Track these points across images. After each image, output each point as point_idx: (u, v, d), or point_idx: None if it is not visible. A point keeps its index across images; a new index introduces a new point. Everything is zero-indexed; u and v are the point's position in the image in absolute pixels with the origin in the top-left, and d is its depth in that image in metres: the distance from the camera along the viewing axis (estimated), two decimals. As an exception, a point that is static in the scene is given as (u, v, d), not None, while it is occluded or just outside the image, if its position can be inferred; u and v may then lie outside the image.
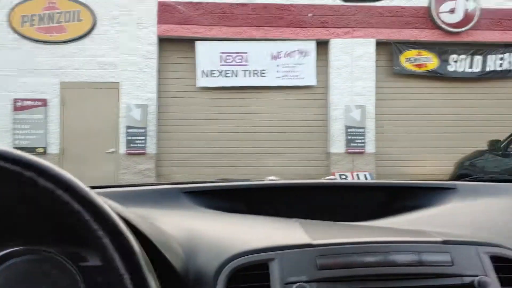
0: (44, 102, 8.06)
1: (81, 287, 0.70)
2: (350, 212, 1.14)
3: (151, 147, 8.18)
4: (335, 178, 1.19)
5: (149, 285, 0.52)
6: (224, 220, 0.99)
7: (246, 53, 8.47)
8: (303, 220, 0.95)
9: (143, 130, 8.10)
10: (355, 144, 8.45)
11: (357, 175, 8.25)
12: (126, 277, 0.51)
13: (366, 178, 8.22)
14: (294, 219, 0.96)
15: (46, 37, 8.10)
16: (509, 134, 6.59)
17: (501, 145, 6.47)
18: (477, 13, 8.49)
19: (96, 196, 0.53)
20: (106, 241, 0.51)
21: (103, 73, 8.17)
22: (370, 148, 8.49)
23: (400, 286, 0.73)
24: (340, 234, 0.84)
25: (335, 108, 8.50)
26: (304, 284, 0.70)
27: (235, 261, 0.74)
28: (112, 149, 8.12)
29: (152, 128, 8.20)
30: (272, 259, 0.74)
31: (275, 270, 0.73)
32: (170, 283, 0.70)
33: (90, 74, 8.16)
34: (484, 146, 6.81)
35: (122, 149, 8.12)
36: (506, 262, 0.78)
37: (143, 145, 8.09)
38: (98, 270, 0.70)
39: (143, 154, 8.12)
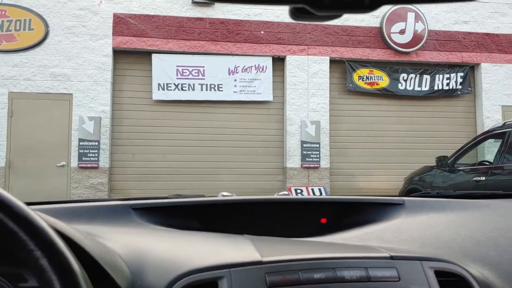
0: (-10, 113, 7.75)
1: None
2: (301, 227, 1.15)
3: (104, 161, 8.01)
4: (288, 193, 1.19)
5: None
6: (174, 238, 0.97)
7: (203, 67, 8.49)
8: (253, 237, 0.95)
9: (96, 143, 7.92)
10: (310, 159, 8.61)
11: (312, 189, 8.39)
12: None
13: (320, 193, 8.37)
14: (245, 236, 0.96)
15: (-5, 45, 7.83)
16: (455, 150, 6.91)
17: (448, 161, 6.73)
18: (426, 35, 8.92)
19: (33, 214, 0.50)
20: (44, 262, 0.49)
21: (55, 84, 7.97)
22: (324, 163, 8.67)
23: None
24: (290, 250, 0.84)
25: (291, 124, 8.64)
26: None
27: (183, 279, 0.73)
28: (63, 163, 7.89)
29: (105, 141, 8.04)
30: (221, 277, 0.73)
31: None
32: None
33: (42, 85, 7.93)
34: (432, 162, 7.09)
35: (74, 162, 7.91)
36: (450, 276, 0.80)
37: (95, 158, 7.90)
38: None
39: (96, 168, 7.93)
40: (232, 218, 1.16)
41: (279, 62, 8.83)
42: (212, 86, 8.52)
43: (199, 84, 8.47)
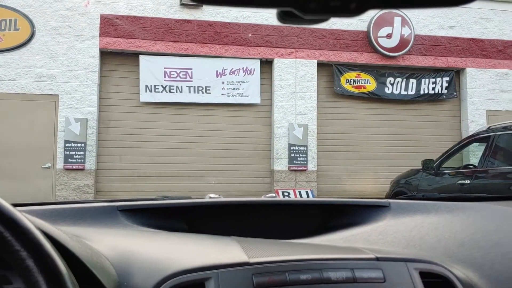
0: (-26, 114, 7.67)
1: None
2: (288, 229, 1.16)
3: (90, 163, 7.97)
4: (275, 195, 1.21)
5: None
6: (161, 239, 0.97)
7: (190, 69, 8.51)
8: (240, 238, 0.96)
9: (82, 145, 7.89)
10: (298, 162, 8.67)
11: (299, 192, 8.45)
12: None
13: (308, 195, 8.43)
14: (232, 237, 0.97)
15: (-21, 45, 7.77)
16: (441, 154, 7.02)
17: (434, 165, 6.83)
18: (412, 39, 9.06)
19: (19, 215, 0.50)
20: (30, 262, 0.49)
21: (41, 85, 7.92)
22: (312, 165, 8.74)
23: None
24: (277, 252, 0.85)
25: (279, 126, 8.70)
26: None
27: (170, 280, 0.73)
28: (48, 164, 7.84)
29: (92, 143, 8.01)
30: (208, 278, 0.74)
31: None
32: None
33: (27, 86, 7.88)
34: (418, 165, 7.19)
35: (60, 164, 7.86)
36: (435, 277, 0.82)
37: (82, 160, 7.87)
38: None
39: (82, 169, 7.89)
40: (219, 220, 1.16)
41: (267, 65, 8.89)
42: (200, 88, 8.55)
43: (186, 86, 8.49)
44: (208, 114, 8.62)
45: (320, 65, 8.96)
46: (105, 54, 8.31)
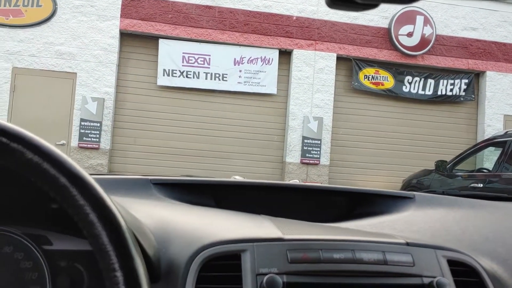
0: (-7, 87, 7.86)
1: (46, 272, 0.75)
2: (315, 213, 1.19)
3: (105, 142, 8.15)
4: (298, 181, 1.29)
5: (135, 261, 0.54)
6: (196, 212, 1.00)
7: (209, 55, 8.62)
8: (271, 217, 0.98)
9: (98, 124, 8.06)
10: (311, 155, 8.78)
11: (310, 185, 8.58)
12: (113, 255, 0.52)
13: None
14: (263, 215, 0.99)
15: (2, 19, 7.93)
16: (455, 156, 7.08)
17: (447, 166, 6.88)
18: (433, 39, 9.10)
19: (83, 171, 0.54)
20: (93, 217, 0.52)
21: (60, 62, 8.08)
22: (324, 160, 8.86)
23: (364, 283, 0.77)
24: (310, 231, 0.88)
25: (294, 118, 8.81)
26: (275, 275, 0.73)
27: (207, 250, 0.76)
28: (63, 141, 8.03)
29: (107, 123, 8.18)
30: (244, 250, 0.76)
31: (247, 261, 0.75)
32: (146, 270, 0.75)
33: (46, 62, 8.04)
34: (431, 166, 7.26)
35: (74, 142, 8.05)
36: (462, 266, 0.85)
37: (97, 139, 8.04)
38: (60, 254, 0.76)
39: (96, 148, 8.07)
40: (247, 200, 1.20)
41: (285, 55, 8.98)
42: (217, 75, 8.67)
43: (204, 72, 8.61)
44: (223, 102, 8.74)
45: (339, 59, 9.04)
46: (125, 36, 8.45)
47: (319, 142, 8.80)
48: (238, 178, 1.33)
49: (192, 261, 0.74)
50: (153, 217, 0.88)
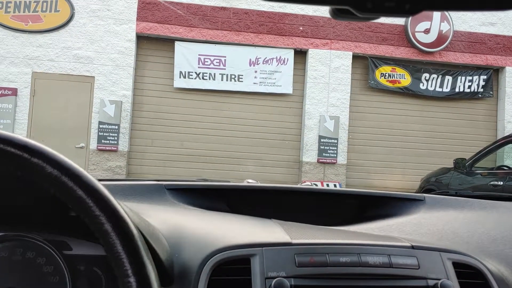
0: (14, 92, 8.22)
1: (66, 275, 0.82)
2: (324, 217, 1.23)
3: (123, 145, 8.44)
4: (310, 184, 1.36)
5: (147, 267, 0.58)
6: (207, 217, 1.05)
7: (224, 57, 8.85)
8: (281, 221, 1.03)
9: (116, 127, 8.35)
10: (327, 154, 8.95)
11: (327, 184, 8.73)
12: (126, 262, 0.56)
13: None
14: (273, 220, 1.04)
15: (21, 25, 8.28)
16: (474, 153, 7.14)
17: (466, 164, 6.91)
18: (451, 35, 9.19)
19: (99, 184, 0.58)
20: (108, 226, 0.56)
21: (78, 66, 8.39)
22: (341, 159, 9.01)
23: (370, 285, 0.81)
24: (317, 235, 0.92)
25: (310, 118, 8.98)
26: (283, 279, 0.77)
27: (218, 254, 0.80)
28: (82, 144, 8.33)
29: (125, 125, 8.47)
30: (254, 255, 0.81)
31: (256, 265, 0.79)
32: (159, 275, 0.76)
33: (65, 66, 8.37)
34: (450, 164, 7.33)
35: (93, 144, 8.35)
36: (467, 268, 0.88)
37: (115, 141, 8.34)
38: (79, 258, 0.83)
39: (115, 151, 8.36)
40: (258, 204, 1.26)
41: (300, 55, 9.16)
42: (233, 76, 8.89)
43: (219, 74, 8.85)
44: (239, 102, 8.97)
45: (355, 57, 9.19)
46: (141, 39, 8.73)
47: (335, 141, 8.96)
48: (251, 182, 1.38)
49: (204, 266, 0.79)
50: (166, 223, 0.93)
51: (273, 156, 9.01)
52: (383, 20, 9.12)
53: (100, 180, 1.15)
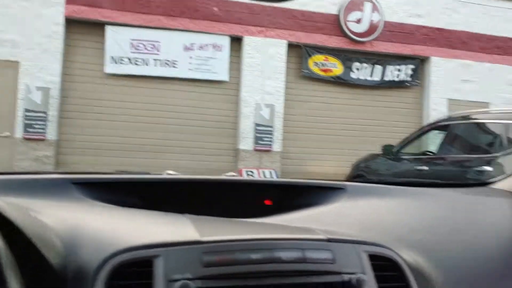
0: None
1: None
2: (245, 208, 1.18)
3: (51, 133, 8.10)
4: (235, 174, 1.31)
5: (8, 285, 0.53)
6: (113, 214, 0.99)
7: (158, 42, 8.68)
8: (195, 216, 0.98)
9: (43, 114, 8.00)
10: (263, 142, 9.06)
11: (263, 172, 8.86)
12: None
13: (271, 175, 8.85)
14: (186, 215, 0.98)
15: None
16: (401, 140, 7.45)
17: (393, 150, 7.20)
18: (381, 25, 9.52)
19: None
20: None
21: (1, 51, 7.92)
22: (277, 146, 9.16)
23: (283, 283, 0.78)
24: (230, 231, 0.88)
25: (246, 105, 9.04)
26: (187, 281, 0.72)
27: (117, 257, 0.75)
28: (7, 133, 7.92)
29: (53, 112, 8.13)
30: (157, 256, 0.76)
31: (159, 267, 0.74)
32: (45, 280, 0.72)
33: (-15, 50, 7.88)
34: (379, 150, 7.63)
35: (19, 133, 7.96)
36: (384, 260, 0.87)
37: (42, 130, 7.99)
38: None
39: (42, 140, 8.02)
40: (175, 197, 1.18)
41: (236, 42, 9.16)
42: (167, 62, 8.75)
43: (153, 59, 8.68)
44: (174, 89, 8.85)
45: (290, 46, 9.31)
46: (70, 23, 8.37)
47: (271, 129, 9.08)
48: (171, 173, 1.29)
49: (101, 269, 0.73)
50: (66, 222, 0.86)
51: (210, 144, 8.99)
52: (316, 8, 9.30)
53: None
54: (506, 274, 0.99)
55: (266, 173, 8.91)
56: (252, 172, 8.87)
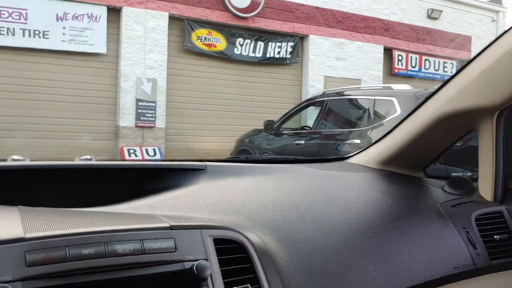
0: None
1: None
2: (94, 196, 1.10)
3: None
4: (90, 157, 1.17)
5: None
6: None
7: (25, 9, 7.96)
8: (28, 208, 0.89)
9: None
10: (146, 118, 8.79)
11: (146, 149, 8.63)
12: None
13: (155, 153, 8.67)
14: (18, 207, 0.89)
15: None
16: (281, 115, 7.71)
17: (275, 125, 7.44)
18: (263, 2, 9.66)
19: None
20: None
21: None
22: (160, 122, 8.95)
23: (118, 277, 0.74)
24: (64, 224, 0.79)
25: (126, 80, 8.66)
26: (6, 285, 0.65)
27: None
28: None
29: None
30: None
31: None
32: None
33: None
34: (262, 125, 7.82)
35: None
36: (230, 243, 0.86)
37: None
38: None
39: None
40: (16, 186, 1.06)
41: (114, 13, 8.69)
42: (37, 32, 8.05)
43: (20, 28, 7.93)
44: (46, 62, 8.17)
45: (172, 18, 9.06)
46: None
47: (154, 104, 8.83)
48: (16, 158, 1.13)
49: None
50: None
51: (87, 122, 8.49)
52: (199, -18, 9.12)
53: None
54: (352, 246, 1.01)
55: (149, 151, 8.69)
56: (134, 150, 8.59)
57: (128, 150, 8.51)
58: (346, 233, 1.04)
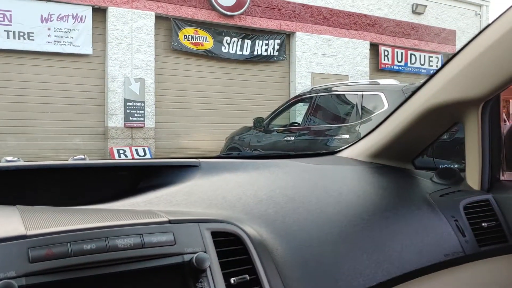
0: None
1: None
2: (90, 195, 1.12)
3: None
4: (84, 157, 1.17)
5: None
6: None
7: (9, 11, 7.90)
8: (27, 207, 0.91)
9: None
10: (135, 118, 8.76)
11: (136, 150, 8.61)
12: None
13: (145, 153, 8.65)
14: (17, 207, 0.91)
15: None
16: (270, 112, 7.74)
17: (264, 122, 7.47)
18: (249, 0, 9.66)
19: None
20: None
21: None
22: (149, 122, 8.92)
23: (119, 271, 0.75)
24: (64, 221, 0.81)
25: (114, 80, 8.62)
26: (9, 281, 0.66)
27: None
28: None
29: None
30: None
31: None
32: None
33: None
34: (251, 123, 7.84)
35: None
36: (227, 236, 0.88)
37: None
38: None
39: None
40: (12, 187, 1.07)
41: (100, 13, 8.64)
42: (21, 34, 7.99)
43: (4, 30, 7.88)
44: (31, 64, 8.11)
45: (158, 18, 9.04)
46: None
47: (142, 104, 8.81)
48: (9, 160, 1.14)
49: None
50: None
51: (75, 123, 8.44)
52: (184, -20, 9.10)
53: None
54: (346, 237, 1.04)
55: (139, 151, 8.67)
56: (124, 150, 8.56)
57: (118, 150, 8.48)
58: (339, 224, 1.06)
